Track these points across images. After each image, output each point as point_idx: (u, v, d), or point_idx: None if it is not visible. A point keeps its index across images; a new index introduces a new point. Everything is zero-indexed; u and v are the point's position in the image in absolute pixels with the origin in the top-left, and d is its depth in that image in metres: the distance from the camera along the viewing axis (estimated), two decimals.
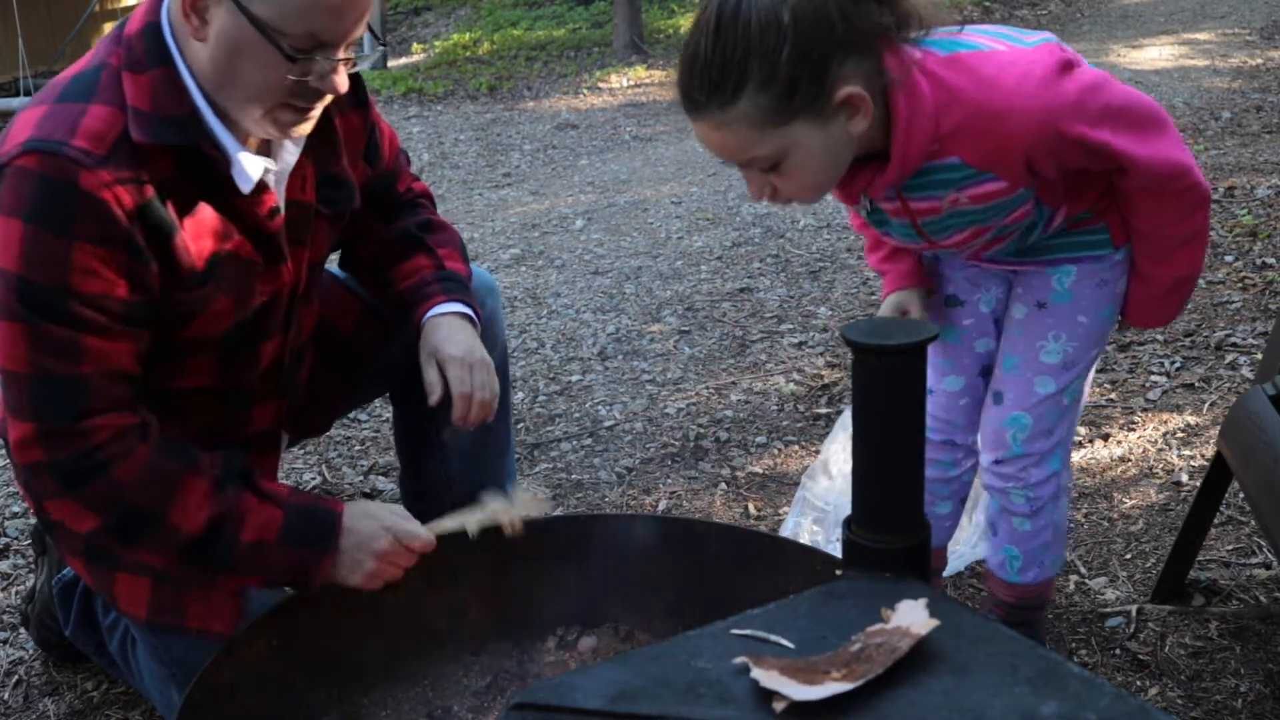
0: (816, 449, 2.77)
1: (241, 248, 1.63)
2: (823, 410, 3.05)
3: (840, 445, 2.47)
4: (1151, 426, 2.79)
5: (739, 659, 1.09)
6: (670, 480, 2.74)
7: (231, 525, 1.59)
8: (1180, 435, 2.74)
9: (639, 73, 9.18)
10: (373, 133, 1.86)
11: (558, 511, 2.60)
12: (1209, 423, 2.78)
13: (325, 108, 1.62)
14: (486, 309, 2.00)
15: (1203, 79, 6.97)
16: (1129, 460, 2.65)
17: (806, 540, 2.28)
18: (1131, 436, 2.75)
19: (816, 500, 2.40)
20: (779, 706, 1.03)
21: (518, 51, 10.46)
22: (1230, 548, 2.28)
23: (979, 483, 2.00)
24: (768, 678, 1.05)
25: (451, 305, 1.86)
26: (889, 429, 1.22)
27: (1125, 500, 2.49)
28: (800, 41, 1.39)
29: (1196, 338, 3.25)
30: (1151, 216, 1.65)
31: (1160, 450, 2.68)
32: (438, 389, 1.80)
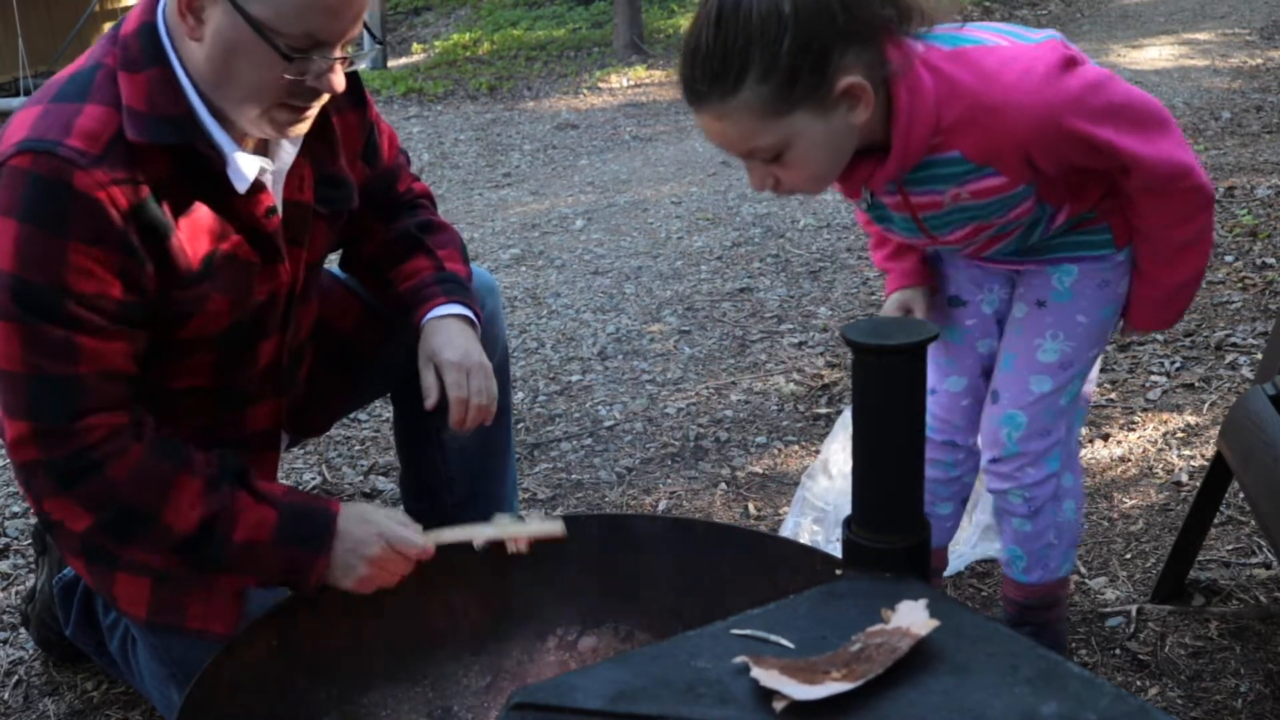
0: (816, 449, 2.77)
1: (238, 247, 1.63)
2: (823, 410, 3.05)
3: (840, 445, 2.47)
4: (1151, 426, 2.79)
5: (739, 659, 1.09)
6: (670, 480, 2.74)
7: (224, 524, 1.59)
8: (1180, 435, 2.74)
9: (639, 73, 9.17)
10: (371, 132, 1.85)
11: (558, 512, 2.60)
12: (1209, 423, 2.78)
13: (323, 107, 1.62)
14: (487, 309, 2.00)
15: (1203, 79, 6.97)
16: (1129, 460, 2.65)
17: (806, 540, 2.28)
18: (1131, 436, 2.75)
19: (816, 500, 2.40)
20: (779, 706, 1.03)
21: (518, 51, 10.46)
22: (1230, 548, 2.28)
23: (979, 483, 2.00)
24: (768, 677, 1.05)
25: (451, 307, 1.86)
26: (889, 429, 1.22)
27: (1125, 500, 2.50)
28: (801, 31, 1.40)
29: (1196, 338, 3.26)
30: (1154, 218, 1.65)
31: (1160, 450, 2.68)
32: (434, 393, 1.80)
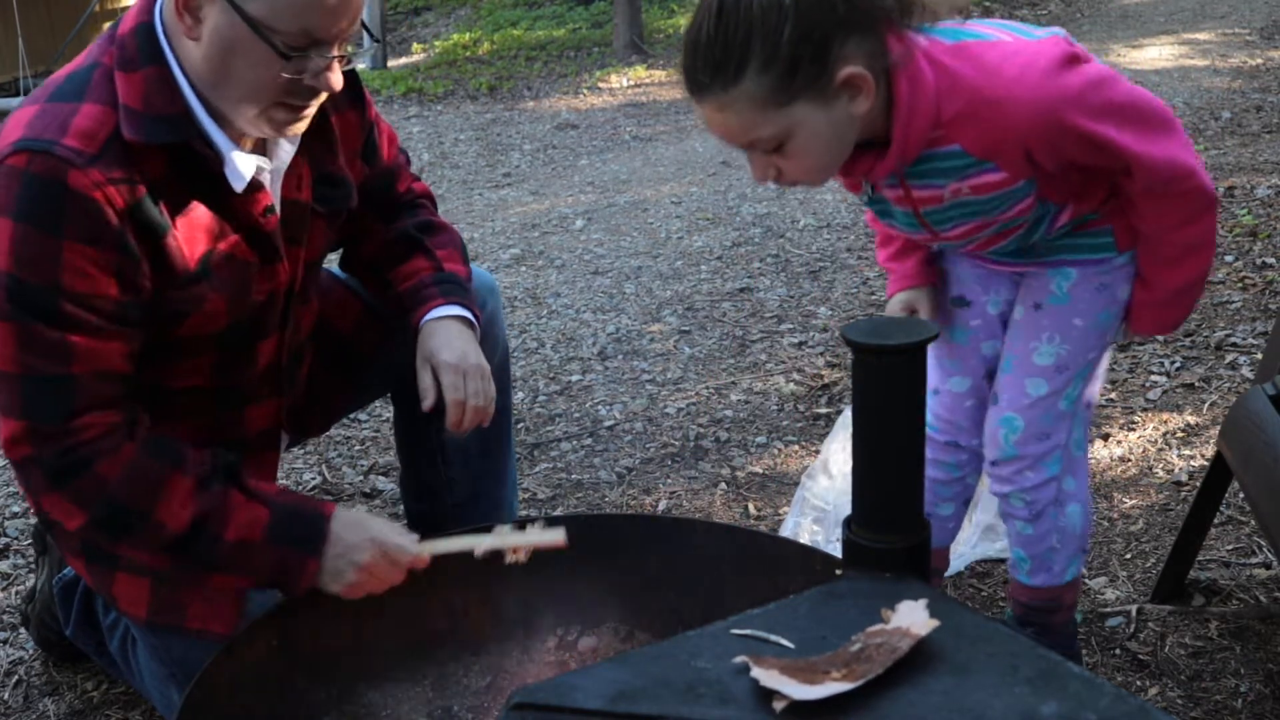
0: (816, 449, 2.76)
1: (236, 246, 1.63)
2: (823, 410, 3.05)
3: (840, 445, 2.47)
4: (1151, 426, 2.79)
5: (739, 659, 1.09)
6: (670, 480, 2.74)
7: (216, 522, 1.59)
8: (1180, 435, 2.74)
9: (639, 73, 9.17)
10: (371, 131, 1.85)
11: (558, 511, 2.60)
12: (1209, 423, 2.78)
13: (322, 106, 1.62)
14: (487, 310, 2.00)
15: (1203, 79, 6.97)
16: (1129, 460, 2.65)
17: (806, 540, 2.28)
18: (1131, 436, 2.75)
19: (816, 500, 2.40)
20: (779, 706, 1.03)
21: (518, 51, 10.46)
22: (1230, 548, 2.28)
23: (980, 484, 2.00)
24: (768, 677, 1.05)
25: (449, 308, 1.86)
26: (889, 429, 1.22)
27: (1125, 500, 2.50)
28: (802, 21, 1.40)
29: (1196, 338, 3.26)
30: (1155, 220, 1.64)
31: (1160, 450, 2.68)
32: (431, 394, 1.80)
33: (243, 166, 1.58)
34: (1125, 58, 7.87)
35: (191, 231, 1.58)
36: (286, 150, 1.67)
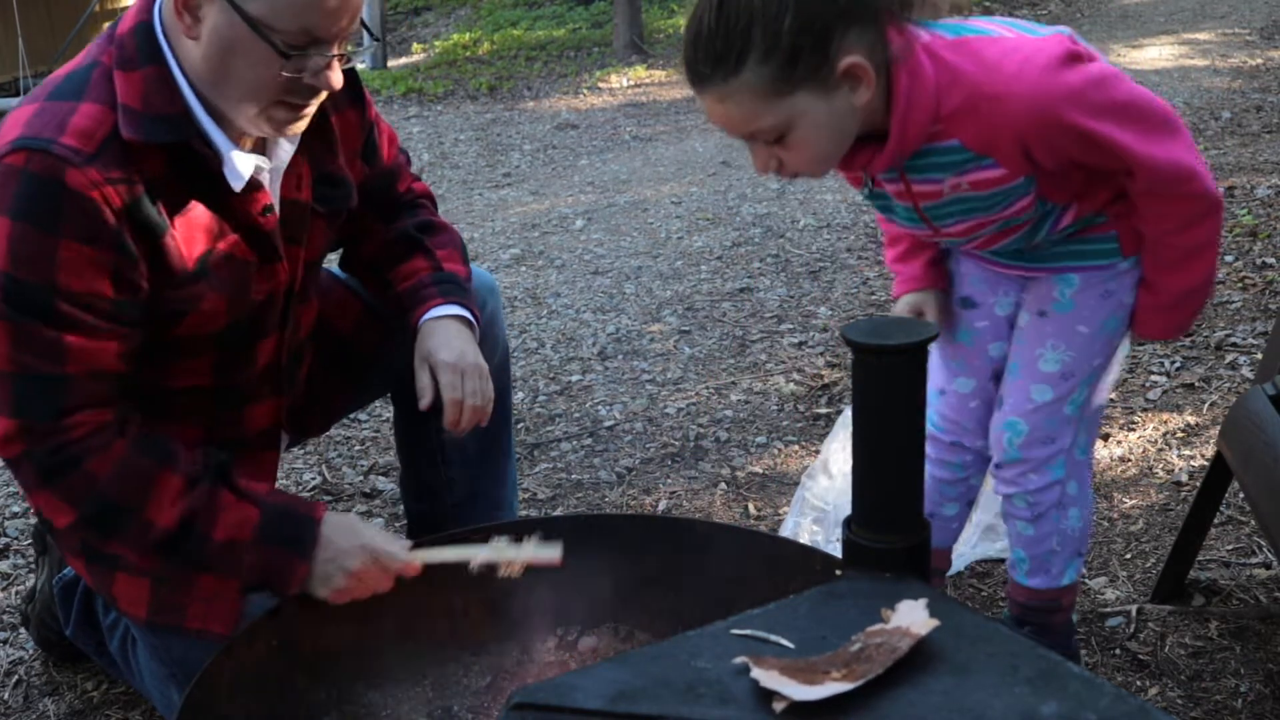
0: (816, 449, 2.76)
1: (235, 246, 1.63)
2: (823, 410, 3.05)
3: (840, 445, 2.47)
4: (1151, 426, 2.79)
5: (739, 659, 1.09)
6: (670, 480, 2.74)
7: (204, 522, 1.58)
8: (1180, 435, 2.74)
9: (639, 73, 9.17)
10: (371, 131, 1.85)
11: (558, 511, 2.60)
12: (1209, 423, 2.78)
13: (322, 105, 1.62)
14: (487, 310, 2.00)
15: (1203, 79, 6.97)
16: (1129, 460, 2.65)
17: (806, 540, 2.28)
18: (1131, 436, 2.75)
19: (816, 500, 2.40)
20: (779, 706, 1.03)
21: (518, 51, 10.46)
22: (1230, 548, 2.28)
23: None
24: (768, 678, 1.05)
25: (448, 308, 1.86)
26: (889, 429, 1.22)
27: (1125, 500, 2.49)
28: (802, 11, 1.41)
29: (1196, 338, 3.26)
30: (1158, 223, 1.63)
31: (1160, 450, 2.68)
32: (428, 393, 1.79)
33: (241, 166, 1.58)
34: (1125, 58, 7.87)
35: (190, 231, 1.58)
36: (286, 150, 1.67)
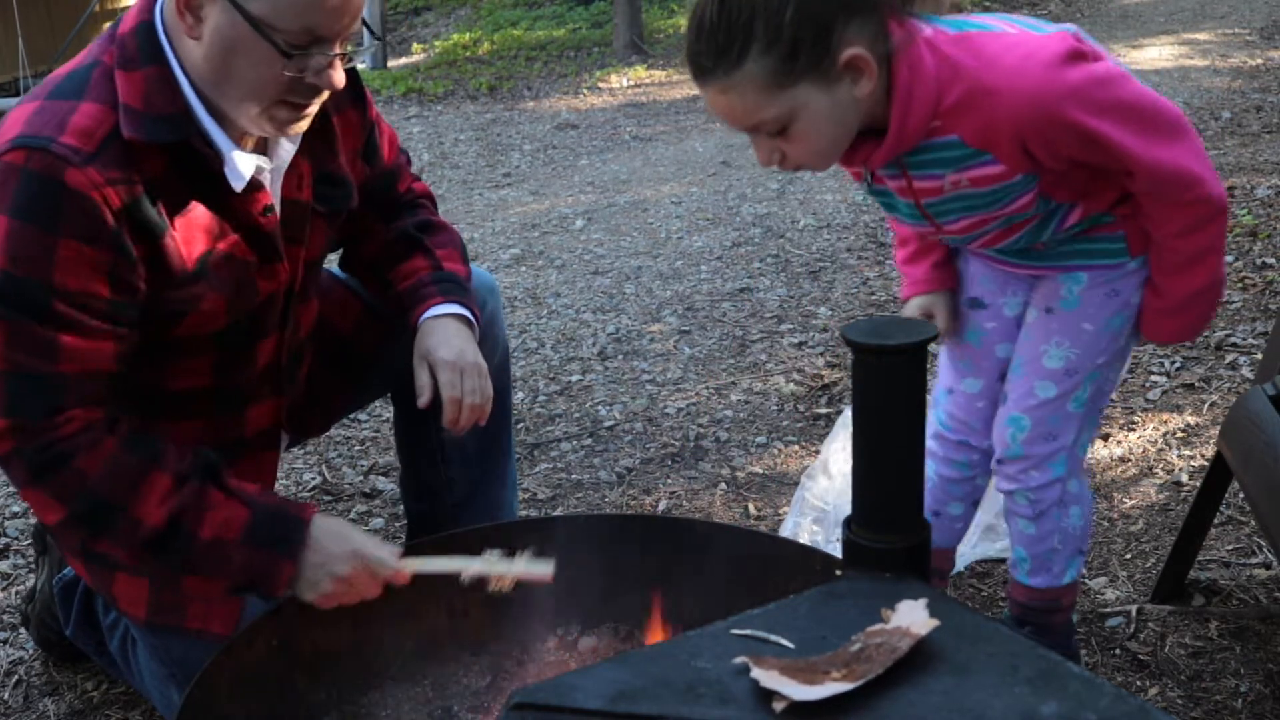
0: (816, 449, 2.76)
1: (235, 246, 1.63)
2: (823, 410, 3.05)
3: (840, 445, 2.47)
4: (1151, 426, 2.79)
5: (739, 659, 1.09)
6: (670, 480, 2.74)
7: (192, 520, 1.57)
8: (1180, 435, 2.74)
9: (639, 73, 9.17)
10: (372, 131, 1.85)
11: (558, 511, 2.60)
12: (1209, 423, 2.78)
13: (323, 105, 1.62)
14: (487, 310, 2.00)
15: (1203, 79, 6.97)
16: (1129, 460, 2.65)
17: (806, 540, 2.28)
18: (1131, 436, 2.75)
19: (816, 500, 2.40)
20: (779, 706, 1.03)
21: (518, 51, 10.46)
22: (1230, 548, 2.28)
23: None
24: (768, 678, 1.05)
25: (448, 307, 1.86)
26: (889, 429, 1.22)
27: (1125, 500, 2.49)
28: (803, 3, 1.41)
29: (1196, 338, 3.25)
30: (1161, 225, 1.62)
31: (1160, 450, 2.68)
32: (427, 392, 1.79)
33: (242, 166, 1.58)
34: (1125, 58, 7.88)
35: (190, 231, 1.57)
36: (287, 149, 1.67)
